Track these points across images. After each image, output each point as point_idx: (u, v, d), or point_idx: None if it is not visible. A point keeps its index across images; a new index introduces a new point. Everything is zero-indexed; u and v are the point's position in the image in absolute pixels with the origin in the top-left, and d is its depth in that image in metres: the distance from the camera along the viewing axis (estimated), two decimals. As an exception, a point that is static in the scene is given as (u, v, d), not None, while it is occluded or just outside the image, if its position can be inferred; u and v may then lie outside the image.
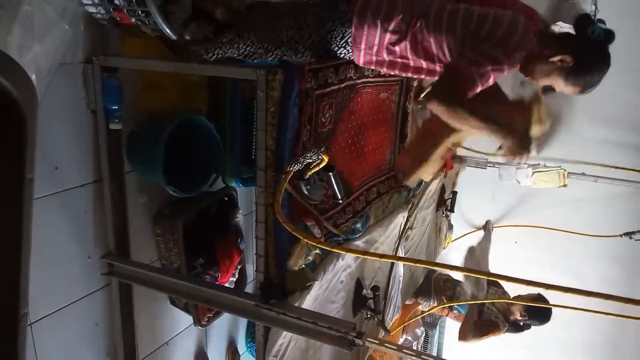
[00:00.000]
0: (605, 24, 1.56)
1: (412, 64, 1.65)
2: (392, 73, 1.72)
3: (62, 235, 1.87)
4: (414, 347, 4.01)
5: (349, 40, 1.63)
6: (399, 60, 1.65)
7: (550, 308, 3.08)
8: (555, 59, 1.57)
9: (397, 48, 1.60)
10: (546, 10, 3.56)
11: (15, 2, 1.38)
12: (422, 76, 1.71)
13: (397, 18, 1.56)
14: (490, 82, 1.56)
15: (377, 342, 1.53)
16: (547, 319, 3.21)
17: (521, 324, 3.26)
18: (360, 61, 1.69)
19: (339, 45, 1.65)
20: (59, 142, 1.78)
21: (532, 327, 3.28)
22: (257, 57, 1.76)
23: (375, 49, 1.63)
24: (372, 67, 1.73)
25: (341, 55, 1.69)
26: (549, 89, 1.70)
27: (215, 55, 1.72)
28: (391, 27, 1.57)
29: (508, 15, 1.52)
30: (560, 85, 1.62)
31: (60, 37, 1.58)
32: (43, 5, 1.48)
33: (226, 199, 2.46)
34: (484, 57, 1.49)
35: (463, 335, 3.32)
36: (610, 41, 1.56)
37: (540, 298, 3.10)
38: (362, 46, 1.63)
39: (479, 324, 3.28)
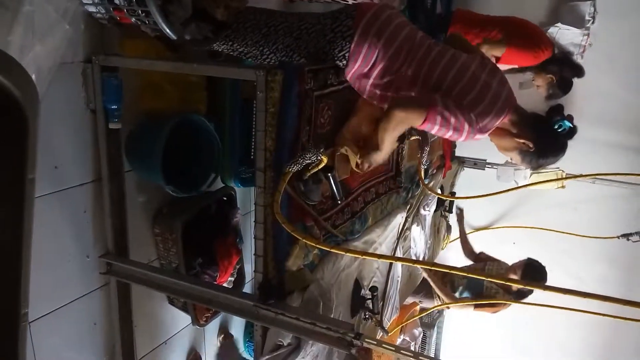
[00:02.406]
0: (573, 120, 1.73)
1: (378, 94, 1.73)
2: (371, 98, 1.79)
3: (61, 234, 1.87)
4: (412, 348, 4.02)
5: (346, 55, 1.66)
6: (379, 91, 1.72)
7: (544, 268, 3.11)
8: (520, 140, 1.71)
9: (385, 79, 1.67)
10: (546, 11, 3.58)
11: (17, 2, 1.38)
12: None
13: (393, 49, 1.63)
14: (448, 134, 1.62)
15: (375, 342, 1.53)
16: (543, 279, 3.21)
17: (521, 292, 3.26)
18: (350, 77, 1.73)
19: (337, 58, 1.68)
20: (59, 141, 1.78)
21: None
22: (251, 57, 1.78)
23: (368, 68, 1.67)
24: (356, 86, 1.78)
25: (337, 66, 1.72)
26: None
27: (210, 48, 1.77)
28: (388, 54, 1.63)
29: (483, 82, 1.61)
30: (517, 160, 1.79)
31: (60, 36, 1.58)
32: (44, 4, 1.48)
33: (225, 199, 2.46)
34: (456, 107, 1.57)
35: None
36: (571, 137, 1.73)
37: (530, 262, 3.16)
38: (357, 64, 1.67)
39: (485, 304, 3.29)
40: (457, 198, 3.61)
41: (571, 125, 1.72)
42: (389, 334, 2.44)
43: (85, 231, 1.97)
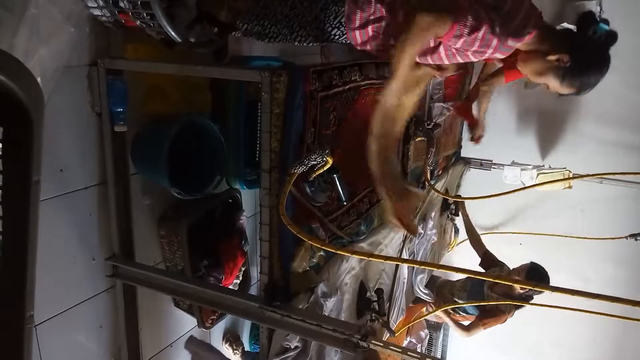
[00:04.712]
0: (608, 24, 1.48)
1: None
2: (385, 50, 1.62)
3: (67, 237, 1.87)
4: (418, 350, 4.00)
5: (342, 20, 1.60)
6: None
7: (546, 272, 3.07)
8: (553, 57, 1.50)
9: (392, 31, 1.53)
10: (551, 10, 3.56)
11: (22, 5, 1.39)
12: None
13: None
14: (474, 48, 1.44)
15: (382, 344, 1.52)
16: (546, 283, 3.18)
17: (524, 296, 3.24)
18: (358, 41, 1.63)
19: (333, 25, 1.62)
20: (64, 144, 1.79)
21: (534, 296, 3.24)
22: (255, 33, 1.71)
23: (370, 27, 1.57)
24: (368, 48, 1.65)
25: (336, 37, 1.65)
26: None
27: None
28: (384, 9, 1.52)
29: None
30: (555, 84, 1.56)
31: (65, 39, 1.59)
32: (49, 7, 1.49)
33: (230, 201, 2.46)
34: (483, 10, 1.38)
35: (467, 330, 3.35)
36: (612, 43, 1.49)
37: (533, 267, 3.09)
38: (356, 24, 1.57)
39: (484, 314, 3.28)
40: (463, 199, 3.60)
41: (608, 28, 1.46)
42: (395, 335, 2.43)
43: (91, 234, 1.97)
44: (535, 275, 3.08)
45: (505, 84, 2.51)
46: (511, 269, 3.26)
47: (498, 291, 3.27)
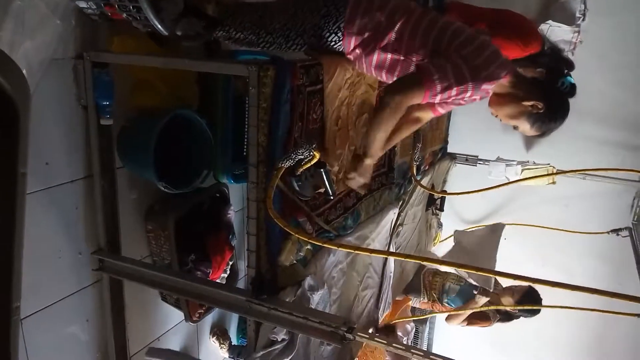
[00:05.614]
0: (572, 77, 1.64)
1: (389, 58, 1.65)
2: (372, 70, 1.72)
3: (53, 231, 1.86)
4: (404, 342, 4.04)
5: (341, 26, 1.64)
6: (380, 55, 1.65)
7: (541, 300, 3.12)
8: (529, 103, 1.62)
9: (385, 39, 1.61)
10: (537, 8, 3.60)
11: (6, -3, 1.37)
12: (394, 75, 1.70)
13: (388, 10, 1.59)
14: (452, 98, 1.56)
15: (367, 336, 1.54)
16: (537, 311, 3.25)
17: (510, 313, 3.31)
18: (350, 46, 1.68)
19: (331, 31, 1.66)
20: (50, 137, 1.78)
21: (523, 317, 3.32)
22: (248, 42, 1.76)
23: (365, 35, 1.63)
24: (357, 58, 1.72)
25: (332, 44, 1.69)
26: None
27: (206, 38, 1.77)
28: (383, 17, 1.60)
29: (482, 38, 1.55)
30: (525, 127, 1.69)
31: (51, 32, 1.57)
32: (35, 0, 1.47)
33: (218, 195, 2.46)
34: (450, 64, 1.49)
35: (450, 318, 3.39)
36: (573, 95, 1.64)
37: (531, 291, 3.14)
38: (354, 30, 1.63)
39: (470, 315, 3.33)
40: (449, 194, 3.64)
41: (572, 82, 1.63)
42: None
43: (76, 228, 1.96)
44: (529, 300, 3.13)
45: None
46: (509, 286, 3.30)
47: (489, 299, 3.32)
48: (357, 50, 1.69)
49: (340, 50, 1.72)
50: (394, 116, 1.54)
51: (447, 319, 3.46)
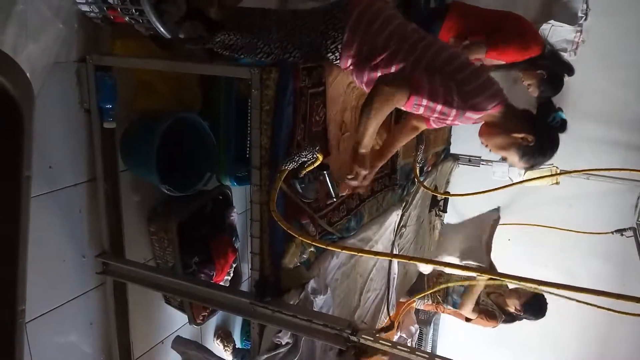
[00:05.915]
0: (563, 112, 1.65)
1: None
2: (364, 86, 1.76)
3: (56, 235, 1.86)
4: (409, 344, 4.03)
5: (338, 47, 1.67)
6: (370, 74, 1.68)
7: (546, 304, 3.11)
8: (519, 135, 1.62)
9: (377, 60, 1.65)
10: (539, 8, 3.59)
11: (9, 1, 1.38)
12: None
13: (385, 35, 1.63)
14: (435, 115, 1.59)
15: (372, 339, 1.54)
16: (542, 314, 3.24)
17: (514, 315, 3.30)
18: (347, 64, 1.72)
19: (329, 50, 1.69)
20: (53, 141, 1.78)
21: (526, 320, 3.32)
22: (245, 52, 1.78)
23: (361, 56, 1.67)
24: (351, 74, 1.76)
25: (329, 59, 1.72)
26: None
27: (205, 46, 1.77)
28: (380, 42, 1.63)
29: (475, 66, 1.58)
30: (513, 159, 1.69)
31: (54, 35, 1.58)
32: (37, 3, 1.48)
33: (221, 197, 2.46)
34: (443, 86, 1.52)
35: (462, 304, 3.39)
36: (564, 131, 1.65)
37: (539, 296, 3.14)
38: (352, 53, 1.67)
39: (479, 310, 3.33)
40: (452, 195, 3.62)
41: (564, 118, 1.65)
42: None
43: (80, 231, 1.97)
44: (533, 307, 3.13)
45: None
46: (516, 288, 3.30)
47: (494, 299, 3.32)
48: (351, 67, 1.73)
49: (337, 64, 1.74)
50: (381, 107, 1.52)
51: (460, 305, 3.43)
